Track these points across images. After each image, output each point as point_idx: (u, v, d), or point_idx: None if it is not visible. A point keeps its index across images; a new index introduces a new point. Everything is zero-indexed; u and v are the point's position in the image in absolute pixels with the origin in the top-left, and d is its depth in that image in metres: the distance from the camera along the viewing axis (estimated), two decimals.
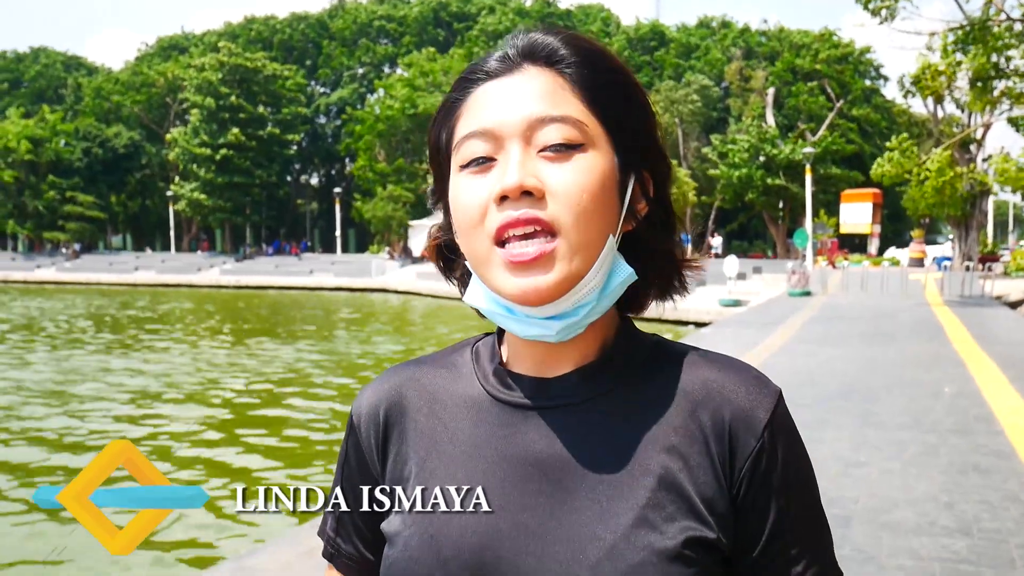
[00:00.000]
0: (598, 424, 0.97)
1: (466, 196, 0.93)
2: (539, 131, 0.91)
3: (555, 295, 0.91)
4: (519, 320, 0.94)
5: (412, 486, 1.00)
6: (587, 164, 0.91)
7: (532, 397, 0.99)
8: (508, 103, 0.93)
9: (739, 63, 68.60)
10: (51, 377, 16.70)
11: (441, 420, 1.03)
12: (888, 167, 29.49)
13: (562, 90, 0.93)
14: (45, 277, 61.82)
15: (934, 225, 62.97)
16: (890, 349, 14.16)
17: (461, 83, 0.98)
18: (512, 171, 0.89)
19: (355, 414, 1.09)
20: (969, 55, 22.96)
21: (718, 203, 57.96)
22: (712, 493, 0.93)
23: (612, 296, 0.96)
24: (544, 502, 0.94)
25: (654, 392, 0.98)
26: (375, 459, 1.05)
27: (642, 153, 0.98)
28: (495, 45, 0.99)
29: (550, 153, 0.91)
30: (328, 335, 25.07)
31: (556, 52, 0.95)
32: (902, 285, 29.68)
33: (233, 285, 54.07)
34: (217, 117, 66.80)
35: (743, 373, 0.99)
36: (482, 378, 1.04)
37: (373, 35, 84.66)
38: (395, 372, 1.10)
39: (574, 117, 0.92)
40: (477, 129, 0.93)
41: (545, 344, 0.98)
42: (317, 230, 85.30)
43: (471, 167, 0.93)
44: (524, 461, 0.96)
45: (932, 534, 5.12)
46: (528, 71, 0.94)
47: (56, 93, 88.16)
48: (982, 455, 7.08)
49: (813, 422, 8.38)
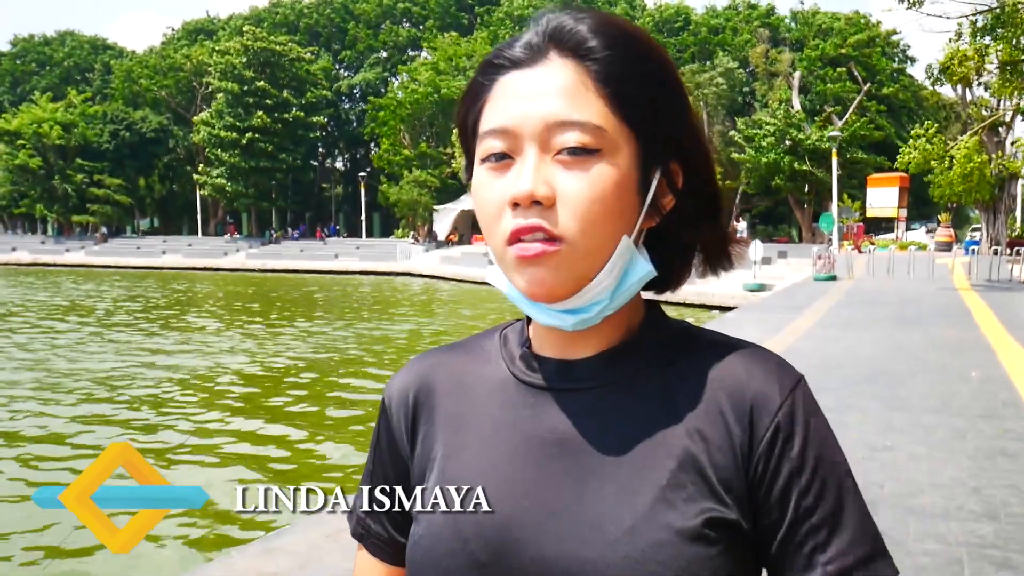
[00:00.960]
0: (620, 406, 0.97)
1: (484, 194, 0.94)
2: (556, 135, 0.90)
3: (563, 294, 0.92)
4: (536, 308, 0.95)
5: (438, 466, 1.02)
6: (602, 172, 0.90)
7: (556, 379, 1.00)
8: (528, 100, 0.91)
9: (764, 46, 68.08)
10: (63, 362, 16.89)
11: (468, 402, 1.04)
12: (915, 154, 29.20)
13: (584, 88, 0.91)
14: (74, 260, 62.44)
15: (961, 210, 62.36)
16: (916, 333, 14.06)
17: (487, 67, 0.97)
18: (525, 179, 0.89)
19: (386, 397, 1.10)
20: (998, 39, 22.67)
21: (743, 188, 57.63)
22: (731, 474, 0.93)
23: (628, 293, 0.96)
24: (566, 482, 0.95)
25: (677, 376, 0.99)
26: (405, 441, 1.07)
27: (672, 144, 0.97)
28: (518, 29, 0.97)
29: (566, 157, 0.90)
30: (352, 319, 25.17)
31: (584, 43, 0.93)
32: (929, 269, 29.45)
33: (259, 268, 54.40)
34: (242, 101, 67.10)
35: (767, 360, 0.99)
36: (508, 361, 1.05)
37: (397, 18, 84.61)
38: (425, 358, 1.12)
39: (593, 123, 0.90)
40: (497, 127, 0.92)
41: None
42: (342, 214, 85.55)
43: (490, 162, 0.93)
44: (547, 441, 0.97)
45: (959, 519, 5.09)
46: (552, 63, 0.92)
47: (84, 76, 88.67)
48: (1010, 440, 7.03)
49: (839, 406, 8.35)
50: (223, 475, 9.07)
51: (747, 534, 0.94)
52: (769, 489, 0.94)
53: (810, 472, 0.94)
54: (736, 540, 0.92)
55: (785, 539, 0.94)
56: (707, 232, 1.03)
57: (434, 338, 20.07)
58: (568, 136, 0.90)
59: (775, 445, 0.94)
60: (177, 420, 11.60)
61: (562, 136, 0.90)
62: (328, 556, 4.74)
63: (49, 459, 9.74)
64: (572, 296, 0.92)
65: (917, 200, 58.71)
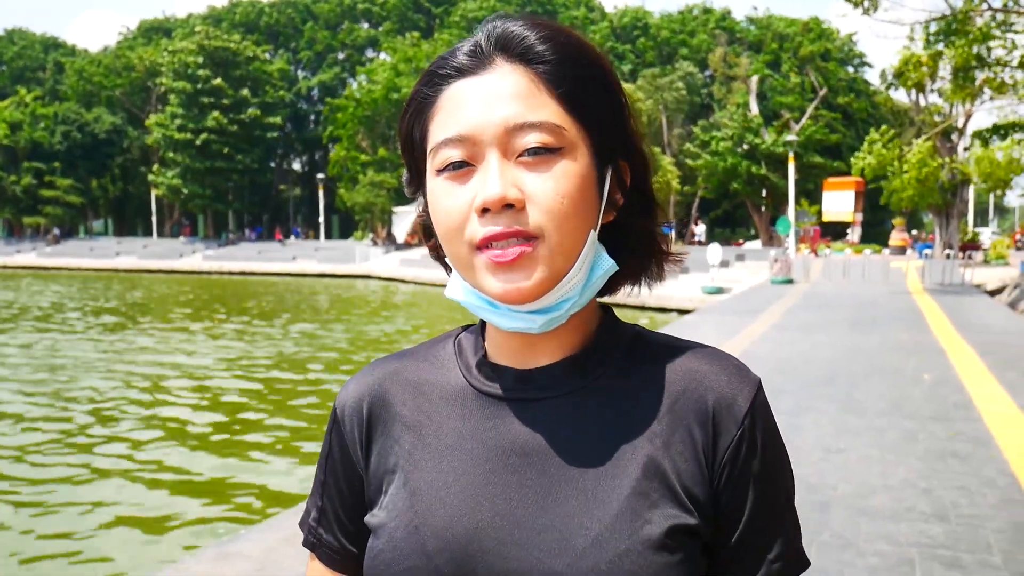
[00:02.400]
0: (582, 415, 0.97)
1: (445, 204, 0.93)
2: (517, 137, 0.90)
3: (538, 295, 0.91)
4: (501, 313, 0.94)
5: (397, 478, 1.01)
6: (565, 168, 0.91)
7: (515, 389, 1.00)
8: (484, 107, 0.91)
9: (723, 49, 68.66)
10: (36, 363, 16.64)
11: (425, 413, 1.03)
12: (870, 159, 29.59)
13: (537, 90, 0.91)
14: (25, 262, 61.48)
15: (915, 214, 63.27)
16: (871, 336, 14.25)
17: (431, 78, 0.96)
18: (493, 183, 0.88)
19: (339, 407, 1.08)
20: (951, 45, 23.05)
21: (701, 192, 58.06)
22: (694, 480, 0.94)
23: (594, 288, 0.97)
24: (530, 493, 0.95)
25: (636, 382, 0.99)
26: (359, 452, 1.06)
27: (618, 145, 0.98)
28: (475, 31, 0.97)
29: (528, 158, 0.90)
30: (309, 322, 25.00)
31: (531, 48, 0.92)
32: (884, 273, 29.85)
33: (215, 271, 53.88)
34: (197, 101, 66.35)
35: (724, 362, 1.00)
36: (465, 371, 1.04)
37: (356, 18, 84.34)
38: (378, 366, 1.10)
39: (552, 122, 0.91)
40: (454, 135, 0.91)
41: (527, 336, 0.98)
42: (300, 216, 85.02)
43: (448, 171, 0.92)
44: (509, 452, 0.97)
45: (910, 520, 5.17)
46: (501, 68, 0.92)
47: (35, 75, 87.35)
48: (960, 442, 7.14)
49: (795, 408, 8.44)
50: (172, 482, 8.98)
51: (705, 539, 0.95)
52: (731, 496, 0.95)
53: (767, 481, 0.97)
54: (697, 546, 0.94)
55: (739, 542, 0.96)
56: (643, 234, 1.03)
57: (389, 344, 20.00)
58: (529, 137, 0.90)
59: (739, 454, 0.95)
60: (123, 426, 11.47)
61: (523, 138, 0.90)
62: (285, 560, 4.71)
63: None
64: (545, 295, 0.92)
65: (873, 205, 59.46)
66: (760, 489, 0.96)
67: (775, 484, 0.98)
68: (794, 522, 1.00)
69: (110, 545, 7.14)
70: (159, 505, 8.13)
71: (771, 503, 0.97)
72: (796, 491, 1.03)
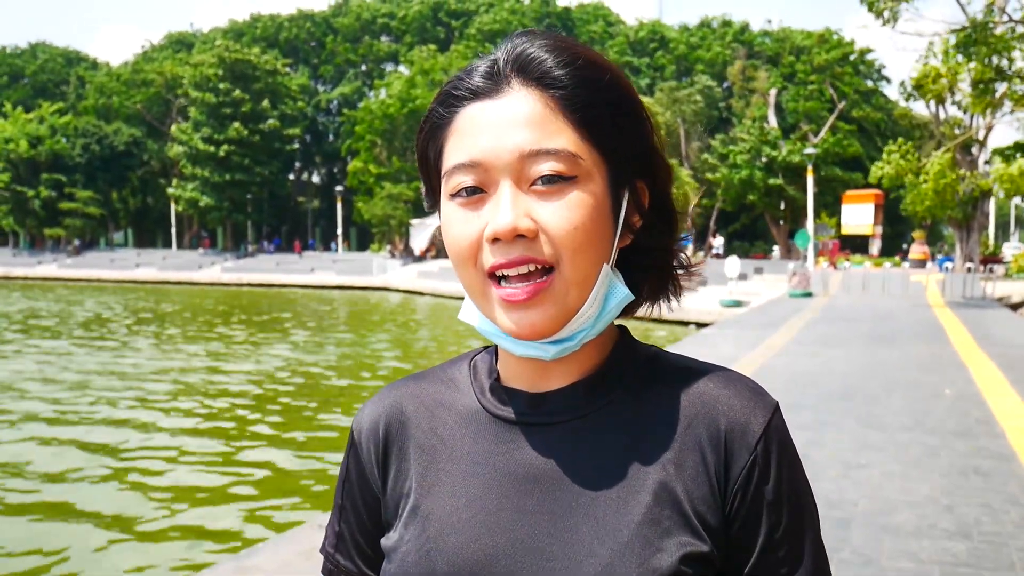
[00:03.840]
0: (595, 440, 0.96)
1: (457, 230, 0.92)
2: (531, 165, 0.88)
3: (552, 331, 0.90)
4: (514, 342, 0.94)
5: (411, 501, 1.00)
6: (580, 198, 0.89)
7: (528, 413, 0.98)
8: (498, 132, 0.89)
9: (742, 62, 68.65)
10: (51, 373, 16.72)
11: (440, 436, 1.02)
12: (888, 169, 29.50)
13: (553, 116, 0.90)
14: (46, 273, 61.94)
15: (935, 227, 62.99)
16: (891, 351, 14.15)
17: (446, 98, 0.94)
18: (505, 212, 0.87)
19: (356, 430, 1.08)
20: (970, 57, 22.97)
21: (719, 204, 58.00)
22: (707, 507, 0.92)
23: (608, 317, 0.95)
24: (541, 518, 0.94)
25: (651, 406, 0.97)
26: (376, 474, 1.05)
27: (638, 165, 0.96)
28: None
29: (541, 187, 0.88)
30: (327, 334, 25.07)
31: (549, 72, 0.91)
32: (903, 287, 29.69)
33: (234, 283, 54.14)
34: (218, 113, 66.90)
35: (739, 385, 0.98)
36: (479, 393, 1.03)
37: (376, 32, 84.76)
38: (395, 388, 1.10)
39: (567, 151, 0.89)
40: (466, 161, 0.90)
41: (540, 360, 0.97)
42: (319, 228, 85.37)
43: (460, 197, 0.91)
44: (522, 477, 0.96)
45: (932, 537, 5.11)
46: (517, 93, 0.90)
47: (58, 89, 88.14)
48: (983, 458, 7.07)
49: (814, 423, 8.38)
50: (188, 495, 8.99)
51: (718, 567, 0.93)
52: (744, 522, 0.93)
53: (783, 507, 0.94)
54: (709, 573, 0.92)
55: (753, 570, 0.94)
56: (662, 253, 1.01)
57: (410, 359, 20.01)
58: (543, 166, 0.88)
59: (752, 479, 0.93)
60: (148, 438, 11.51)
61: (537, 166, 0.88)
62: (302, 574, 4.70)
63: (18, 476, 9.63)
64: (559, 330, 0.91)
65: (892, 218, 59.25)
66: (775, 516, 0.94)
67: (792, 511, 0.95)
68: (816, 552, 0.97)
69: (128, 558, 7.15)
70: (176, 519, 8.14)
71: (788, 531, 0.94)
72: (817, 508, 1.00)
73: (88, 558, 7.13)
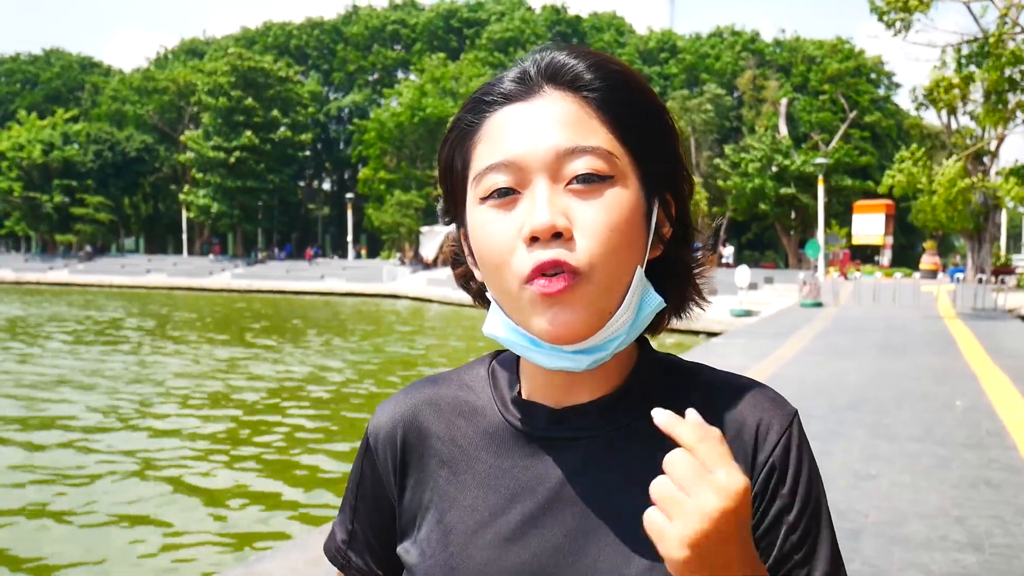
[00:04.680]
0: (620, 456, 0.96)
1: (490, 233, 0.90)
2: (567, 163, 0.87)
3: (587, 334, 0.89)
4: (545, 353, 0.91)
5: (432, 515, 1.00)
6: (616, 199, 0.88)
7: (552, 428, 0.97)
8: (532, 132, 0.89)
9: (752, 72, 68.61)
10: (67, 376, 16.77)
11: (460, 447, 1.01)
12: (899, 177, 29.42)
13: (588, 118, 0.89)
14: (58, 279, 62.09)
15: (946, 238, 62.81)
16: (902, 361, 14.10)
17: (475, 105, 0.94)
18: (542, 211, 0.86)
19: (372, 435, 1.06)
20: (983, 68, 22.91)
21: (730, 213, 57.95)
22: None
23: (641, 326, 0.94)
24: (565, 537, 0.93)
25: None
26: (392, 482, 1.04)
27: (667, 173, 0.95)
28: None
29: (578, 186, 0.87)
30: (338, 341, 25.08)
31: (581, 76, 0.91)
32: (914, 297, 29.59)
33: (244, 289, 54.22)
34: (230, 120, 67.16)
35: (760, 395, 0.98)
36: (501, 405, 1.02)
37: (386, 40, 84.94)
38: (411, 392, 1.08)
39: (604, 148, 0.88)
40: (500, 160, 0.89)
41: (565, 372, 0.96)
42: (329, 235, 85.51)
43: (492, 199, 0.90)
44: (546, 494, 0.95)
45: (943, 548, 5.09)
46: (550, 96, 0.90)
47: (73, 95, 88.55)
48: (994, 469, 7.04)
49: (824, 434, 8.35)
50: (197, 501, 9.00)
51: None
52: (759, 525, 0.93)
53: (799, 510, 0.94)
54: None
55: (775, 565, 0.94)
56: (683, 263, 1.01)
57: (417, 364, 20.01)
58: (579, 163, 0.88)
59: (769, 483, 0.94)
60: (156, 443, 11.53)
61: (573, 164, 0.88)
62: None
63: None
64: (594, 334, 0.89)
65: (903, 228, 59.10)
66: (793, 520, 0.94)
67: (810, 515, 0.95)
68: (833, 555, 0.97)
69: (136, 562, 7.16)
70: (185, 524, 8.15)
71: (805, 533, 0.95)
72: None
73: (95, 562, 7.13)
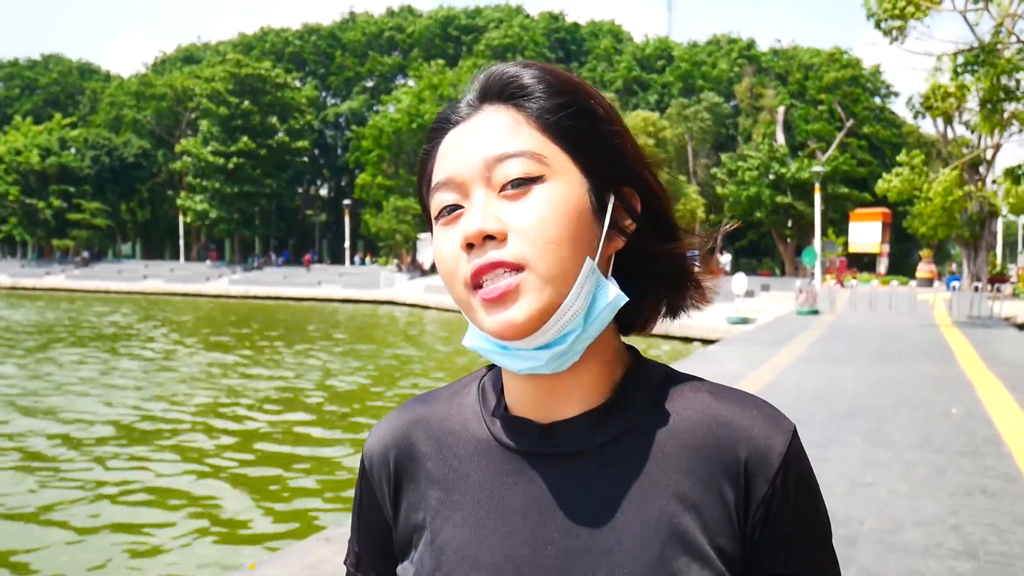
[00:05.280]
0: (609, 471, 0.95)
1: (441, 248, 0.94)
2: (496, 169, 0.90)
3: (532, 327, 0.89)
4: (510, 355, 0.92)
5: (425, 535, 1.00)
6: (547, 195, 0.90)
7: (538, 444, 0.97)
8: (468, 148, 0.92)
9: (749, 80, 68.72)
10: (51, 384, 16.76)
11: (451, 466, 1.02)
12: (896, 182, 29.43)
13: (519, 124, 0.92)
14: (54, 284, 62.07)
15: (942, 246, 62.90)
16: (898, 369, 14.12)
17: (431, 134, 0.98)
18: (474, 217, 0.89)
19: (367, 457, 1.08)
20: (978, 77, 22.98)
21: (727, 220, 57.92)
22: (725, 538, 0.92)
23: (601, 321, 0.93)
24: (555, 554, 0.93)
25: (664, 436, 0.96)
26: (387, 504, 1.05)
27: (620, 170, 0.96)
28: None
29: (510, 190, 0.90)
30: (334, 348, 25.07)
31: (510, 85, 0.94)
32: (910, 305, 29.63)
33: (241, 295, 54.20)
34: (228, 126, 67.20)
35: (756, 411, 0.97)
36: (489, 422, 1.02)
37: (383, 46, 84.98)
38: (402, 413, 1.09)
39: (530, 150, 0.90)
40: (442, 179, 0.93)
41: (548, 382, 0.96)
42: (326, 241, 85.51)
43: (443, 216, 0.93)
44: (535, 511, 0.95)
45: (939, 556, 5.10)
46: (486, 111, 0.94)
47: (72, 100, 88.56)
48: (990, 477, 7.05)
49: (821, 441, 8.36)
50: (199, 508, 8.99)
51: None
52: (763, 552, 0.93)
53: (802, 535, 0.94)
54: None
55: None
56: (670, 259, 1.01)
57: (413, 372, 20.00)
58: (510, 168, 0.89)
59: (771, 509, 0.92)
60: (156, 452, 11.52)
61: (503, 169, 0.90)
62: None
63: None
64: (542, 327, 0.89)
65: (900, 236, 59.15)
66: (794, 544, 0.94)
67: (810, 539, 0.95)
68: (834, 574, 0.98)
69: (134, 569, 7.15)
70: (181, 531, 8.14)
71: (806, 559, 0.94)
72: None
73: (93, 567, 7.12)
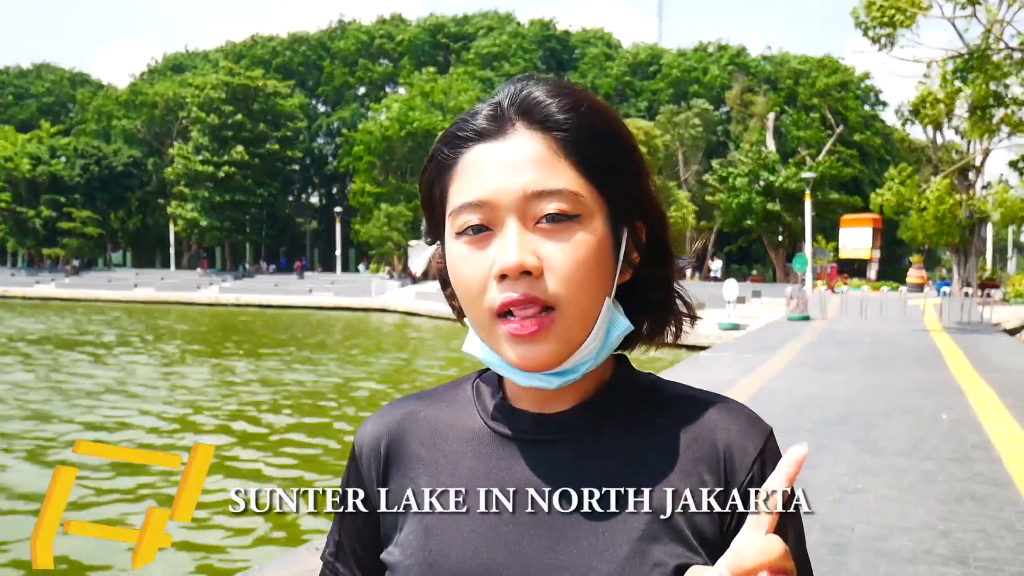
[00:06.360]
0: (596, 457, 0.99)
1: (465, 268, 0.95)
2: (535, 204, 0.93)
3: (555, 363, 0.94)
4: (520, 375, 0.97)
5: (412, 516, 1.02)
6: (583, 236, 0.93)
7: (531, 431, 1.02)
8: (503, 172, 0.94)
9: (740, 87, 68.86)
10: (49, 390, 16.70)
11: (442, 452, 1.05)
12: (888, 196, 29.57)
13: (555, 157, 0.94)
14: (44, 293, 61.78)
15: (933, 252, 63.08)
16: (889, 375, 14.15)
17: (451, 139, 0.98)
18: (511, 250, 0.91)
19: (357, 445, 1.11)
20: (968, 83, 23.09)
21: (718, 227, 58.05)
22: (704, 524, 0.96)
23: (610, 348, 0.99)
24: (542, 534, 0.96)
25: (648, 430, 1.01)
26: (375, 490, 1.07)
27: (635, 205, 1.00)
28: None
29: (546, 225, 0.93)
30: (326, 355, 25.03)
31: (551, 115, 0.95)
32: (901, 311, 29.69)
33: (232, 303, 54.05)
34: (220, 135, 67.07)
35: (735, 412, 1.02)
36: (483, 412, 1.06)
37: (373, 55, 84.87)
38: (396, 406, 1.13)
39: (570, 190, 0.93)
40: (473, 200, 0.94)
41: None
42: (317, 249, 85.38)
43: (467, 235, 0.95)
44: (523, 493, 0.98)
45: (928, 562, 5.11)
46: (521, 135, 0.95)
47: (63, 108, 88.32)
48: (979, 483, 7.07)
49: (811, 447, 8.26)
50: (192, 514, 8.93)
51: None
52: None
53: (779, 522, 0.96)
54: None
55: None
56: (663, 287, 1.06)
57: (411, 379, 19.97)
58: (547, 205, 0.92)
59: (749, 496, 0.95)
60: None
61: (541, 204, 0.93)
62: None
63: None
64: (563, 363, 0.95)
65: (890, 242, 59.30)
66: None
67: (788, 529, 0.96)
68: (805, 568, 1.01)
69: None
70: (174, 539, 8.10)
71: None
72: (812, 532, 1.03)
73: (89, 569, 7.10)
